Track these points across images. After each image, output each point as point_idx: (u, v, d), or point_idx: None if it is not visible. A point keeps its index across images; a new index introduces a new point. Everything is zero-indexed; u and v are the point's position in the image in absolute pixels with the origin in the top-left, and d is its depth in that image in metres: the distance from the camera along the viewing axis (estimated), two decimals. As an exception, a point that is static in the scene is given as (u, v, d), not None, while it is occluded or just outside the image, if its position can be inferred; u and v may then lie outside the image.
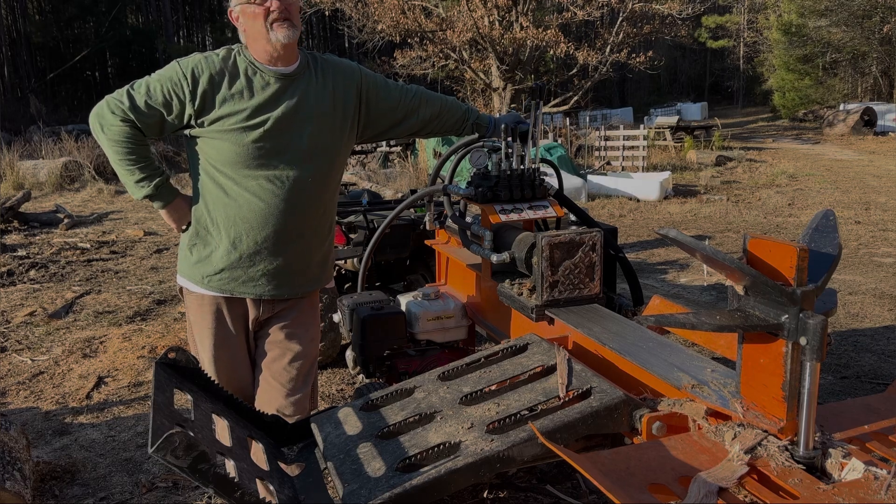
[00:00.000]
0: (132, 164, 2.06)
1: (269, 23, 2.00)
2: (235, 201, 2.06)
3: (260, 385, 2.24)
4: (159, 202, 2.12)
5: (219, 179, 2.07)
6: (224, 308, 2.17)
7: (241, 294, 2.15)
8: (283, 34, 2.00)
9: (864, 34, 27.82)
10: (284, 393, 2.21)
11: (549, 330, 2.03)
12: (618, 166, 14.24)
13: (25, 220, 9.42)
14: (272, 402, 2.19)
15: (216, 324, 2.18)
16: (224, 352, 2.20)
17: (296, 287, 2.21)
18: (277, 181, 2.06)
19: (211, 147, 2.05)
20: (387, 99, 2.28)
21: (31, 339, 4.93)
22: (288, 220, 2.10)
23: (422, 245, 4.08)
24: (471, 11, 17.23)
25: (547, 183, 2.45)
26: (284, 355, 2.23)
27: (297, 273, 2.19)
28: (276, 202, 2.07)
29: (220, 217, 2.09)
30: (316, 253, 2.23)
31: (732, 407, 1.38)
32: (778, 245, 1.26)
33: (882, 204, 10.18)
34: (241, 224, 2.08)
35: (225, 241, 2.09)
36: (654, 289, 5.85)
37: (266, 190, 2.06)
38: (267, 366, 2.23)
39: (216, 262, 2.11)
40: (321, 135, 2.12)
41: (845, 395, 3.77)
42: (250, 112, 2.02)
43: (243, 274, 2.12)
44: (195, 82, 2.00)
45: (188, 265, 2.17)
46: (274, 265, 2.13)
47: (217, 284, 2.13)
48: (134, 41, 36.71)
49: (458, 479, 1.42)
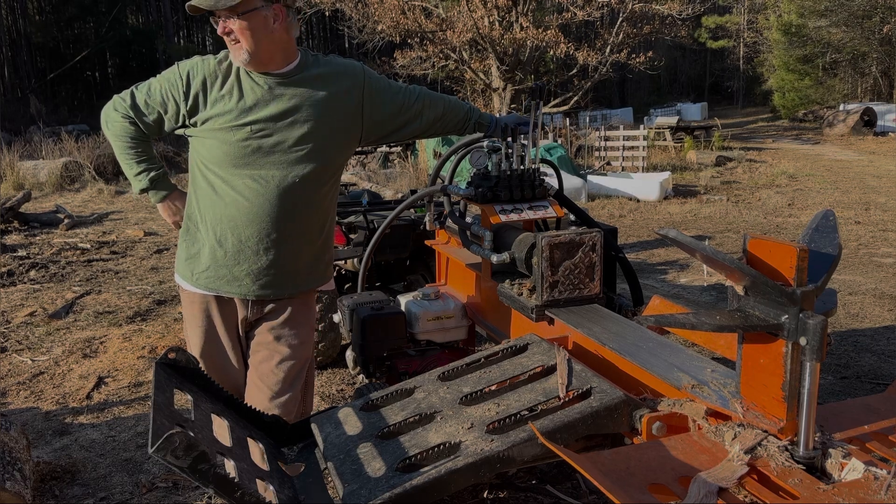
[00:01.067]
0: (131, 157, 2.19)
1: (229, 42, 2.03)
2: (222, 199, 2.09)
3: (247, 386, 2.26)
4: (155, 195, 2.25)
5: (209, 177, 2.11)
6: (213, 307, 2.19)
7: (227, 293, 2.16)
8: (237, 57, 2.04)
9: (864, 34, 27.81)
10: (269, 395, 2.20)
11: (549, 330, 2.03)
12: (618, 166, 14.23)
13: (25, 221, 9.41)
14: (257, 403, 2.17)
15: (205, 322, 2.20)
16: (212, 349, 2.21)
17: (283, 288, 2.20)
18: (262, 181, 2.07)
19: (202, 146, 2.10)
20: (391, 102, 2.25)
21: (32, 339, 4.93)
22: (273, 220, 2.10)
23: (422, 245, 4.08)
24: (471, 12, 17.23)
25: (547, 183, 2.45)
26: (272, 357, 2.23)
27: (283, 274, 2.18)
28: (261, 202, 2.08)
29: (209, 214, 2.12)
30: (305, 255, 2.21)
31: (732, 407, 1.38)
32: (778, 245, 1.26)
33: (882, 204, 10.18)
34: (226, 222, 2.10)
35: (211, 239, 2.12)
36: (654, 289, 5.85)
37: (251, 189, 2.07)
38: (255, 367, 2.25)
39: (203, 260, 2.14)
40: (313, 136, 2.10)
41: (845, 395, 3.77)
42: (238, 113, 2.05)
43: (228, 273, 2.13)
44: (188, 83, 2.05)
45: (181, 262, 2.22)
46: (258, 265, 2.13)
47: (204, 282, 2.15)
48: (134, 41, 36.72)
49: (458, 479, 1.42)
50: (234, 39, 2.00)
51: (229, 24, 1.99)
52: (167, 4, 38.58)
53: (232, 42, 2.01)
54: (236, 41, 2.00)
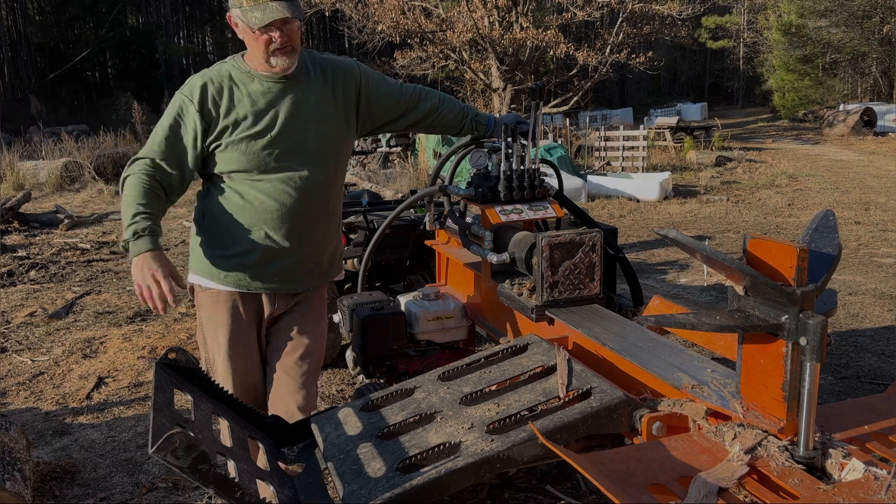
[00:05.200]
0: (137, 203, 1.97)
1: (271, 51, 2.02)
2: (251, 204, 2.10)
3: (273, 380, 2.26)
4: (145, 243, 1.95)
5: (234, 186, 2.11)
6: (239, 303, 2.20)
7: (257, 289, 2.18)
8: (284, 62, 2.05)
9: (864, 34, 27.83)
10: (296, 386, 2.23)
11: (549, 330, 2.04)
12: (618, 167, 14.23)
13: (25, 221, 9.41)
14: (286, 395, 2.21)
15: (232, 319, 2.19)
16: (239, 347, 2.21)
17: (309, 281, 2.27)
18: (291, 182, 2.11)
19: (222, 160, 2.09)
20: (385, 95, 2.32)
21: (32, 339, 4.93)
22: (303, 218, 2.15)
23: (422, 245, 4.08)
24: (471, 12, 17.25)
25: (547, 183, 2.46)
26: (296, 350, 2.26)
27: (310, 268, 2.25)
28: (291, 202, 2.11)
29: (237, 220, 2.12)
30: (328, 247, 2.29)
31: (732, 407, 1.38)
32: (778, 245, 1.26)
33: (882, 204, 10.18)
34: (258, 226, 2.11)
35: (243, 243, 2.13)
36: (654, 289, 5.84)
37: (280, 191, 2.10)
38: (280, 360, 2.26)
39: (234, 263, 2.14)
40: (327, 133, 2.17)
41: (845, 395, 3.77)
42: (254, 118, 2.06)
43: (261, 271, 2.16)
44: (200, 98, 2.05)
45: (202, 262, 2.18)
46: (290, 262, 2.18)
47: (234, 280, 2.16)
48: (134, 42, 36.76)
49: (458, 480, 1.42)
50: (287, 48, 2.02)
51: (293, 30, 2.01)
52: (167, 5, 38.59)
53: (285, 49, 2.02)
54: (291, 48, 2.03)
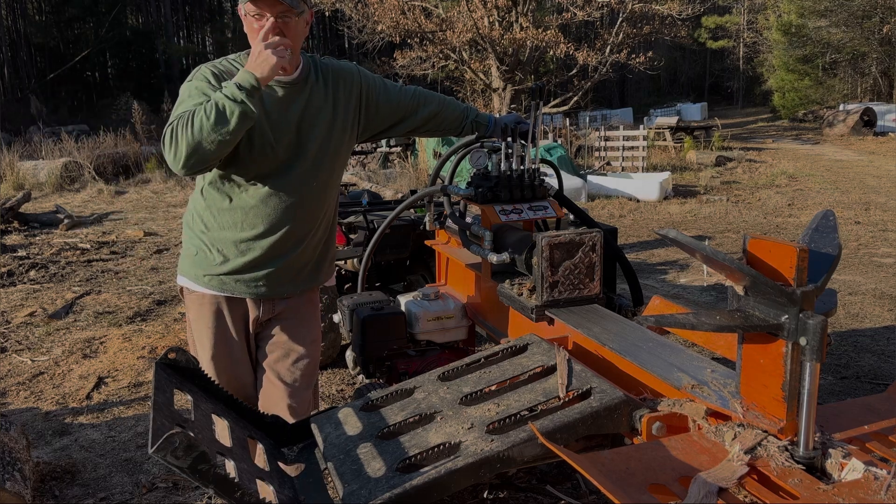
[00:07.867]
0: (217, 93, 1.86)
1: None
2: (242, 208, 2.07)
3: (263, 385, 2.24)
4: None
5: (224, 188, 2.08)
6: (224, 307, 2.17)
7: (241, 294, 2.15)
8: (278, 60, 1.89)
9: (864, 34, 27.82)
10: (288, 392, 2.21)
11: (549, 330, 2.03)
12: (618, 167, 14.23)
13: (25, 221, 9.42)
14: (277, 401, 2.19)
15: (216, 323, 2.17)
16: (223, 351, 2.19)
17: (295, 286, 2.22)
18: (284, 187, 2.07)
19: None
20: (386, 101, 2.28)
21: (31, 339, 4.93)
22: (293, 224, 2.11)
23: (422, 245, 4.08)
24: (471, 12, 17.25)
25: (547, 183, 2.46)
26: (288, 355, 2.23)
27: (297, 272, 2.21)
28: (283, 207, 2.08)
29: (226, 222, 2.09)
30: (316, 252, 2.25)
31: (732, 407, 1.38)
32: (778, 245, 1.26)
33: (882, 204, 10.18)
34: (247, 230, 2.08)
35: (230, 247, 2.10)
36: (654, 289, 5.84)
37: (272, 195, 2.07)
38: (270, 366, 2.23)
39: (220, 266, 2.12)
40: (326, 140, 2.13)
41: (845, 395, 3.77)
42: (256, 123, 1.99)
43: (247, 276, 2.13)
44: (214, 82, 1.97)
45: (190, 264, 2.17)
46: (277, 266, 2.14)
47: (218, 284, 2.13)
48: (134, 42, 36.76)
49: (458, 480, 1.42)
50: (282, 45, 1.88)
51: (288, 25, 1.92)
52: (167, 5, 38.59)
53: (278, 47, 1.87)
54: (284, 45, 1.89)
